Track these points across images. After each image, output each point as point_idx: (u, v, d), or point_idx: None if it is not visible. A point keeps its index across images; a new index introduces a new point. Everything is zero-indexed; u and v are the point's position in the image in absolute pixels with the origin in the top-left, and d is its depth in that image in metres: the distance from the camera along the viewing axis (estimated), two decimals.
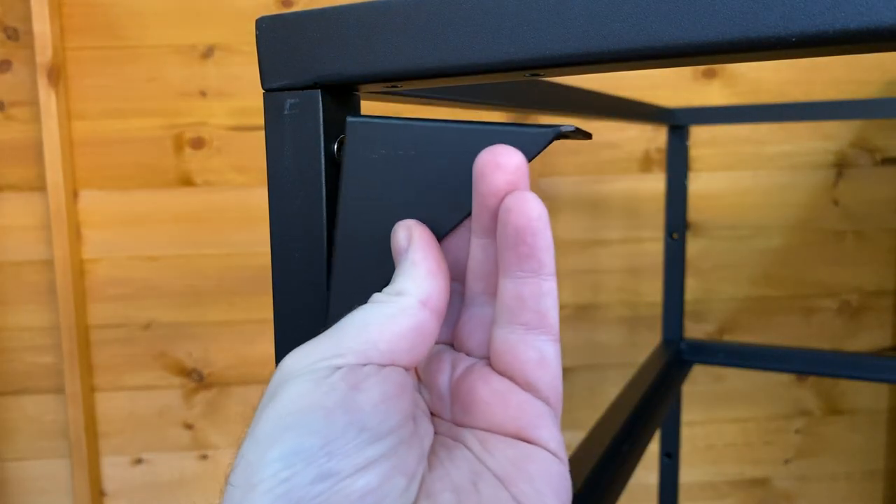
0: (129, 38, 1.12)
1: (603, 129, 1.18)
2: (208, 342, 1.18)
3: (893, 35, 0.19)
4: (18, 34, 1.10)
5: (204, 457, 1.21)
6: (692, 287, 1.21)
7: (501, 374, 0.24)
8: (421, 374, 0.27)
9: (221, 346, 1.18)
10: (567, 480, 0.23)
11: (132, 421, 1.19)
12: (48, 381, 1.17)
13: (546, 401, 0.24)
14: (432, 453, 0.24)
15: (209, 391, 1.20)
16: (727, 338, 1.24)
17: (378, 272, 0.26)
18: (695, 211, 1.20)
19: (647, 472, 1.23)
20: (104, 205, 1.14)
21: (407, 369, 0.23)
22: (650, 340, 1.22)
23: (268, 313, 1.18)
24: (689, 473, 1.27)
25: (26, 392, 1.17)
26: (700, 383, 1.25)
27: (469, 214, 0.25)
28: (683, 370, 0.92)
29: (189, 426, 1.20)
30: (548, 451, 0.23)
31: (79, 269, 1.14)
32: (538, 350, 0.24)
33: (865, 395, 1.27)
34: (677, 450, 0.99)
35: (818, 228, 1.22)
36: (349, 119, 0.27)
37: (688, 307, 1.17)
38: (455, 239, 0.26)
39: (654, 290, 1.22)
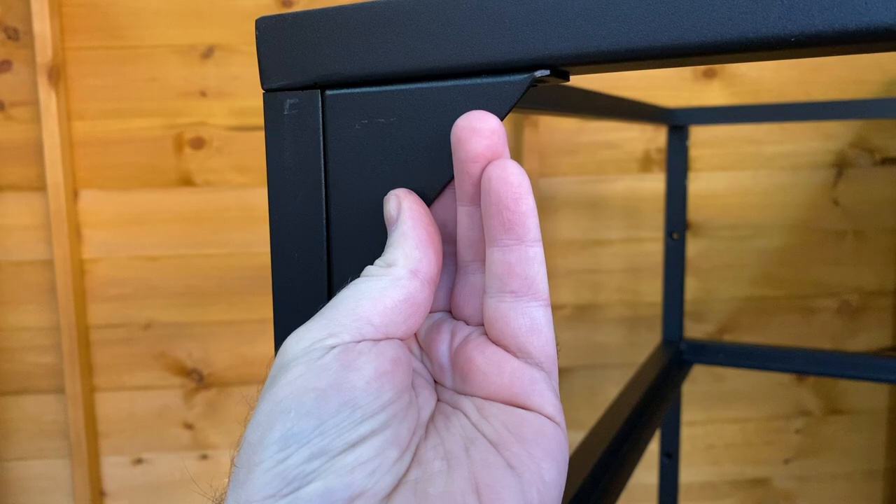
0: (129, 38, 1.12)
1: (603, 129, 1.18)
2: (208, 342, 1.18)
3: (893, 35, 0.19)
4: (19, 34, 1.10)
5: (204, 457, 1.21)
6: (692, 287, 1.21)
7: (495, 342, 0.25)
8: (422, 343, 0.27)
9: (221, 346, 1.18)
10: (562, 443, 0.24)
11: (132, 421, 1.19)
12: (48, 381, 1.17)
13: (539, 366, 0.24)
14: (431, 421, 0.24)
15: (209, 391, 1.20)
16: (727, 338, 1.24)
17: (373, 243, 0.27)
18: (695, 211, 1.20)
19: (647, 472, 1.23)
20: (104, 205, 1.14)
21: (402, 340, 0.24)
22: (650, 340, 1.22)
23: (268, 313, 1.18)
24: (689, 473, 1.27)
25: (26, 392, 1.17)
26: (700, 383, 1.25)
27: (452, 178, 0.25)
28: (683, 370, 0.92)
29: (189, 426, 1.20)
30: (543, 415, 0.24)
31: (79, 269, 1.14)
32: (528, 316, 0.24)
33: (865, 395, 1.27)
34: (677, 450, 0.99)
35: (818, 228, 1.22)
36: (327, 93, 0.27)
37: (688, 307, 1.17)
38: (443, 203, 0.27)
39: (654, 290, 1.22)
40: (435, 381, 0.27)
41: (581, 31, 0.23)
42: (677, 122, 0.91)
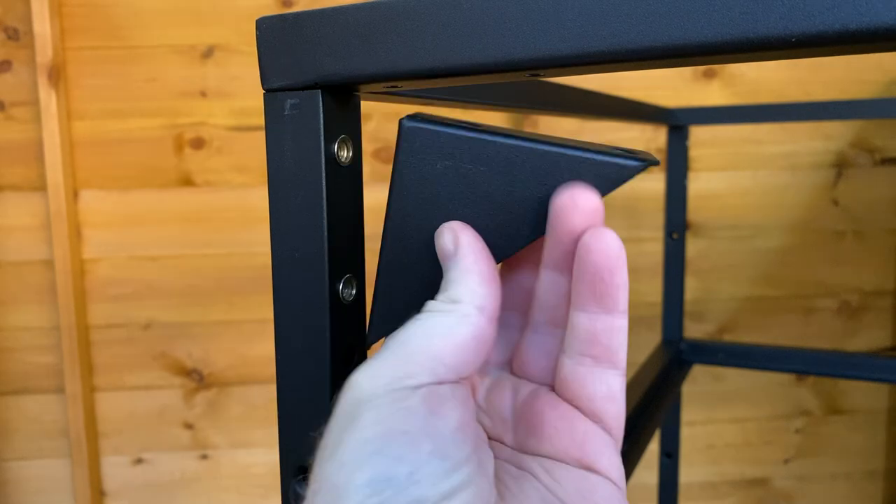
0: (129, 38, 1.12)
1: (603, 129, 1.18)
2: (208, 342, 1.18)
3: (893, 35, 0.19)
4: (19, 34, 1.10)
5: (204, 456, 1.21)
6: (692, 287, 1.21)
7: (567, 401, 0.25)
8: (481, 399, 0.27)
9: (221, 346, 1.18)
10: None
11: (132, 421, 1.19)
12: (48, 381, 1.17)
13: (609, 431, 0.24)
14: (498, 481, 0.24)
15: (209, 391, 1.20)
16: (727, 338, 1.24)
17: (427, 281, 0.26)
18: (694, 211, 1.20)
19: (647, 472, 1.23)
20: (104, 205, 1.14)
21: (466, 386, 0.23)
22: (650, 340, 1.22)
23: (268, 313, 1.18)
24: (688, 473, 1.27)
25: (27, 392, 1.17)
26: (700, 383, 1.25)
27: (536, 238, 0.25)
28: (683, 370, 0.92)
29: (189, 426, 1.20)
30: (609, 479, 0.24)
31: (79, 269, 1.14)
32: (606, 384, 0.24)
33: (865, 394, 1.27)
34: (677, 449, 0.99)
35: (818, 228, 1.22)
36: (407, 123, 0.26)
37: (688, 307, 1.17)
38: (521, 264, 0.26)
39: (653, 290, 1.22)
40: (491, 438, 0.26)
41: (581, 31, 0.23)
42: (677, 122, 0.91)
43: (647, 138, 1.19)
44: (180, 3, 1.11)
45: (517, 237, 0.25)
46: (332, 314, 0.28)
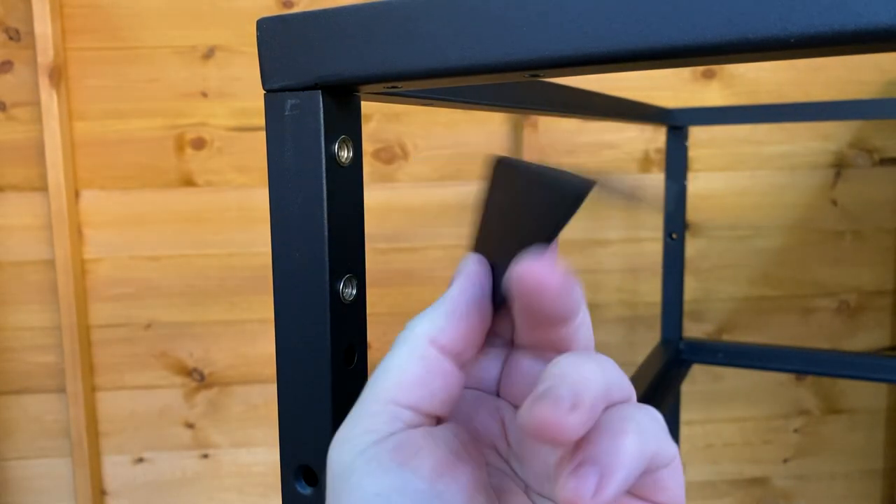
0: (130, 39, 1.12)
1: (602, 130, 1.19)
2: (209, 342, 1.18)
3: (892, 36, 0.19)
4: (20, 35, 1.10)
5: (205, 456, 1.21)
6: (691, 287, 1.22)
7: None
8: (515, 446, 0.25)
9: (222, 345, 1.19)
10: None
11: (133, 420, 1.19)
12: (50, 381, 1.17)
13: None
14: None
15: (210, 390, 1.20)
16: (726, 337, 1.24)
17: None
18: (694, 211, 1.20)
19: None
20: (105, 205, 1.14)
21: (441, 419, 0.23)
22: (649, 340, 1.23)
23: (269, 313, 1.18)
24: (688, 473, 1.27)
25: (28, 391, 1.17)
26: (699, 383, 1.25)
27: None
28: (682, 370, 0.92)
29: (190, 425, 1.20)
30: None
31: (80, 269, 1.14)
32: (651, 478, 0.22)
33: (864, 394, 1.27)
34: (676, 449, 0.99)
35: (817, 228, 1.22)
36: (500, 160, 0.25)
37: (687, 307, 1.17)
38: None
39: (653, 290, 1.22)
40: (529, 488, 0.24)
41: (581, 31, 0.23)
42: (676, 123, 0.91)
43: (647, 138, 1.19)
44: (181, 4, 1.12)
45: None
46: (332, 314, 0.28)
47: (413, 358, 0.22)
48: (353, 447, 0.21)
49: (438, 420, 0.23)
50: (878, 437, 1.28)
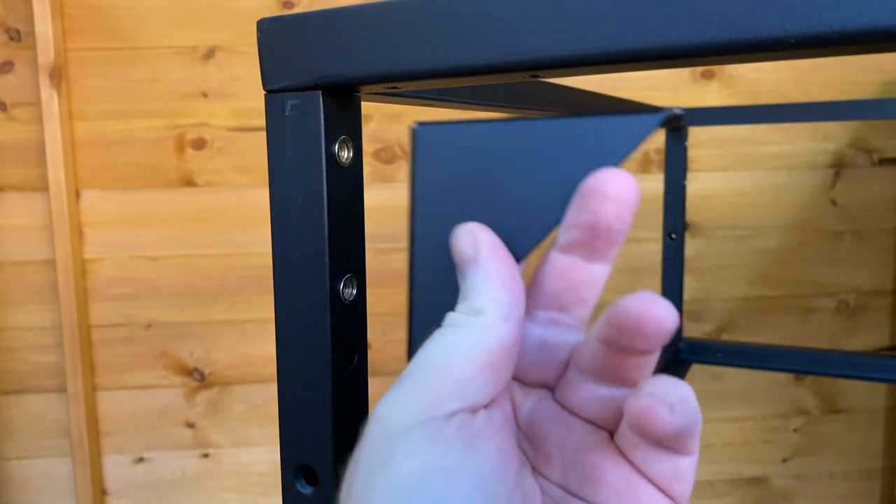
0: (130, 39, 1.12)
1: None
2: (210, 342, 1.18)
3: (891, 36, 0.19)
4: (21, 35, 1.11)
5: (205, 455, 1.21)
6: (690, 287, 1.22)
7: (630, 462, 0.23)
8: (522, 421, 0.24)
9: (223, 345, 1.19)
10: None
11: (134, 420, 1.19)
12: (50, 381, 1.17)
13: (673, 500, 0.22)
14: None
15: (210, 390, 1.20)
16: (725, 337, 1.24)
17: (456, 287, 0.25)
18: (693, 211, 1.20)
19: None
20: (106, 205, 1.14)
21: (504, 400, 0.22)
22: None
23: (269, 313, 1.18)
24: None
25: (28, 391, 1.17)
26: (698, 383, 1.25)
27: (558, 225, 0.23)
28: (682, 370, 0.92)
29: (191, 425, 1.20)
30: None
31: (81, 269, 1.14)
32: (675, 465, 0.22)
33: (863, 394, 1.27)
34: None
35: (816, 228, 1.22)
36: (416, 127, 0.24)
37: (686, 307, 1.17)
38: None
39: (652, 290, 1.22)
40: (534, 469, 0.24)
41: (581, 31, 0.23)
42: (676, 123, 0.91)
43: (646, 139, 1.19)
44: (181, 4, 1.12)
45: (539, 228, 0.23)
46: (332, 314, 0.28)
47: (489, 338, 0.21)
48: (414, 413, 0.20)
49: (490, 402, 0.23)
50: (877, 436, 1.28)
